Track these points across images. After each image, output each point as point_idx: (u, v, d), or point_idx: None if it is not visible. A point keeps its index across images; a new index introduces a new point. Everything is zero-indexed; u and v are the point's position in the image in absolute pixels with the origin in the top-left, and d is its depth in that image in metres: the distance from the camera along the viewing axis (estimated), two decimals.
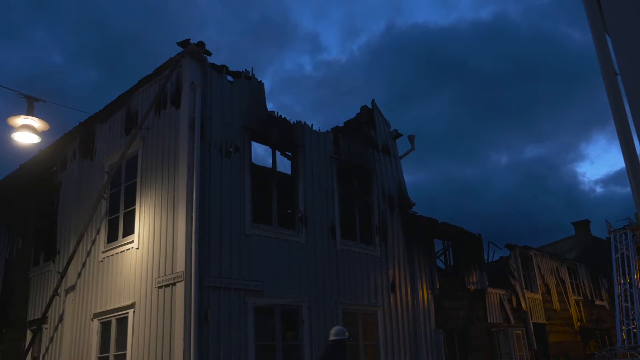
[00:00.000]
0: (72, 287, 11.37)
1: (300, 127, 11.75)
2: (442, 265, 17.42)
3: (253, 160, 10.63)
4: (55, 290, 11.26)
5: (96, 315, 10.49)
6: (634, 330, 21.72)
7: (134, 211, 10.33)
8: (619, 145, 3.67)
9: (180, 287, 8.74)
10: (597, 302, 25.34)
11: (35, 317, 12.21)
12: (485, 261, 17.97)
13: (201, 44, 9.97)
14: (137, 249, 9.97)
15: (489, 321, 16.75)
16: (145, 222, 9.98)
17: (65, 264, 11.28)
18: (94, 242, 11.13)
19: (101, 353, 10.20)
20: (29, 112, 9.56)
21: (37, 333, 11.78)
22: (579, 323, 22.82)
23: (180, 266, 8.85)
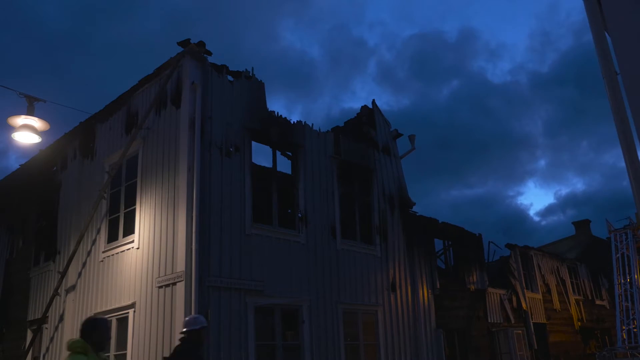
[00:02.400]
0: (73, 287, 11.38)
1: (301, 127, 11.75)
2: (442, 265, 17.42)
3: (253, 160, 10.63)
4: (56, 290, 11.27)
5: (96, 315, 10.49)
6: (634, 330, 21.71)
7: (134, 211, 10.33)
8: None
9: (180, 287, 8.74)
10: (598, 302, 25.33)
11: (36, 317, 12.21)
12: (486, 261, 17.97)
13: (201, 44, 9.96)
14: (138, 248, 9.97)
15: (489, 321, 16.75)
16: (145, 222, 9.99)
17: (65, 263, 11.28)
18: (94, 242, 11.13)
19: None
20: (29, 112, 9.56)
21: (37, 333, 11.78)
22: (579, 323, 22.82)
23: (180, 266, 8.86)
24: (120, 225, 10.63)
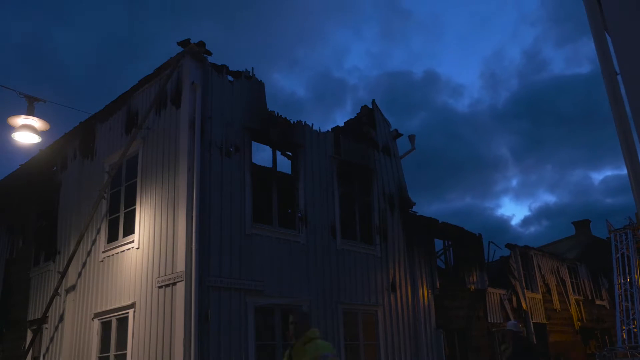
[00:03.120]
0: (73, 287, 11.38)
1: (301, 127, 11.75)
2: (442, 265, 17.42)
3: (253, 160, 10.63)
4: (56, 290, 11.27)
5: (96, 315, 10.49)
6: (635, 330, 21.72)
7: (134, 211, 10.33)
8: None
9: (180, 287, 8.74)
10: (598, 302, 25.33)
11: (36, 317, 12.21)
12: (486, 261, 17.97)
13: (201, 44, 9.96)
14: (138, 248, 9.97)
15: (489, 321, 16.75)
16: (145, 222, 9.99)
17: (65, 263, 11.28)
18: (94, 242, 11.13)
19: (101, 353, 10.20)
20: (29, 112, 9.56)
21: (37, 333, 11.78)
22: (579, 323, 22.82)
23: (180, 266, 8.86)
24: (120, 225, 10.63)
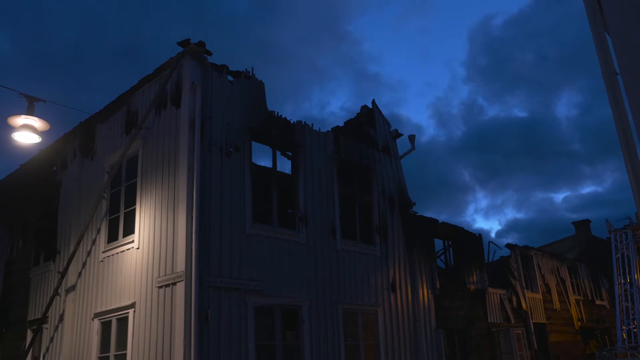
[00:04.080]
0: (73, 287, 11.38)
1: (301, 127, 11.75)
2: (442, 265, 17.42)
3: (253, 160, 10.63)
4: (56, 290, 11.27)
5: (96, 315, 10.49)
6: (635, 330, 21.72)
7: (134, 211, 10.33)
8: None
9: (180, 287, 8.74)
10: (598, 302, 25.33)
11: (36, 317, 12.22)
12: (486, 261, 17.97)
13: (201, 44, 9.96)
14: (138, 248, 9.97)
15: (489, 321, 16.75)
16: (145, 222, 9.99)
17: (65, 263, 11.28)
18: (94, 242, 11.13)
19: (101, 353, 10.21)
20: (29, 112, 9.56)
21: (37, 333, 11.78)
22: (579, 323, 22.82)
23: (180, 266, 8.86)
24: (120, 225, 10.63)
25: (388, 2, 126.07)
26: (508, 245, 20.17)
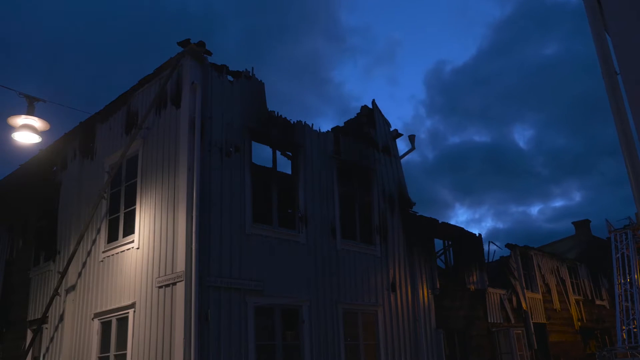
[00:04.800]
0: (73, 287, 11.38)
1: (301, 127, 11.75)
2: (442, 265, 17.42)
3: (253, 160, 10.63)
4: (56, 290, 11.27)
5: (96, 315, 10.50)
6: (635, 330, 21.72)
7: (134, 211, 10.33)
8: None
9: (180, 287, 8.74)
10: (598, 302, 25.34)
11: (36, 317, 12.22)
12: (486, 261, 17.97)
13: (201, 44, 9.96)
14: (138, 248, 9.97)
15: (489, 321, 16.75)
16: (145, 222, 9.99)
17: (65, 263, 11.28)
18: (94, 242, 11.13)
19: (101, 353, 10.21)
20: (29, 112, 9.56)
21: (37, 333, 11.78)
22: (579, 323, 22.82)
23: (180, 266, 8.86)
24: (120, 225, 10.63)
25: (360, 56, 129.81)
26: (508, 245, 20.17)
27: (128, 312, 9.73)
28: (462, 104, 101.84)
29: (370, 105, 14.41)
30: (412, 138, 15.08)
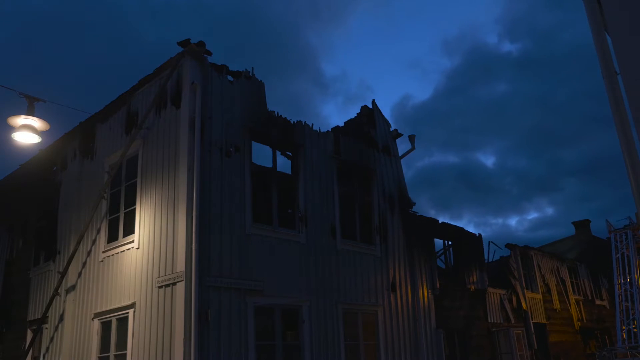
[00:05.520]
0: (73, 287, 11.38)
1: (301, 127, 11.75)
2: (442, 265, 17.42)
3: (253, 160, 10.63)
4: (56, 290, 11.27)
5: (96, 315, 10.50)
6: (635, 330, 21.72)
7: (134, 211, 10.33)
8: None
9: (180, 287, 8.74)
10: (598, 302, 25.33)
11: (36, 317, 12.22)
12: (486, 261, 17.97)
13: (201, 44, 9.96)
14: (138, 248, 9.97)
15: (489, 321, 16.75)
16: (145, 222, 9.99)
17: (65, 263, 11.28)
18: (94, 242, 11.13)
19: (101, 353, 10.21)
20: (29, 112, 9.56)
21: (37, 333, 11.78)
22: (579, 323, 22.82)
23: (180, 266, 8.86)
24: (120, 225, 10.63)
25: (339, 95, 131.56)
26: (508, 245, 20.16)
27: (128, 312, 9.73)
28: (427, 134, 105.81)
29: (370, 105, 14.40)
30: (412, 138, 15.07)
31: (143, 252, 9.83)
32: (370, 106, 14.38)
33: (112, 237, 10.75)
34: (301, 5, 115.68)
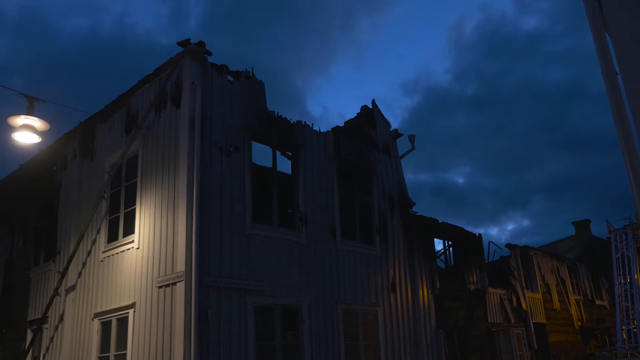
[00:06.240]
0: (73, 287, 11.38)
1: (301, 127, 11.75)
2: (442, 265, 17.42)
3: (253, 160, 10.63)
4: (56, 290, 11.27)
5: (96, 315, 10.50)
6: (635, 330, 21.72)
7: (134, 211, 10.33)
8: None
9: (180, 287, 8.74)
10: (598, 302, 25.34)
11: (36, 317, 12.21)
12: (486, 261, 17.97)
13: (201, 44, 9.96)
14: (138, 248, 9.97)
15: (489, 321, 16.75)
16: (145, 222, 9.99)
17: (65, 263, 11.28)
18: (94, 242, 11.13)
19: (101, 353, 10.21)
20: (29, 112, 9.56)
21: (37, 333, 11.78)
22: (579, 323, 22.82)
23: (180, 266, 8.86)
24: (120, 225, 10.63)
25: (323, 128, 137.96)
26: (508, 245, 20.16)
27: (128, 312, 9.73)
28: None
29: (370, 105, 14.41)
30: (412, 138, 15.06)
31: (143, 252, 9.83)
32: (370, 106, 14.38)
33: (112, 237, 10.75)
34: (290, 58, 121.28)
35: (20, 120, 9.47)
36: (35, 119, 9.56)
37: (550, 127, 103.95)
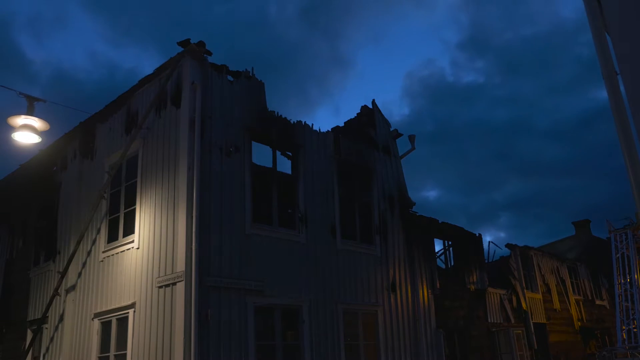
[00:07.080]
0: (73, 287, 11.38)
1: (301, 127, 11.76)
2: (442, 265, 17.42)
3: (253, 160, 10.63)
4: (56, 290, 11.26)
5: (96, 315, 10.50)
6: (635, 330, 21.71)
7: (134, 211, 10.33)
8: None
9: (180, 287, 8.74)
10: (598, 302, 25.34)
11: (36, 317, 12.21)
12: (486, 261, 17.96)
13: (201, 44, 9.96)
14: (138, 248, 9.97)
15: (489, 321, 16.75)
16: (145, 222, 9.99)
17: (65, 263, 11.28)
18: (94, 242, 11.13)
19: (101, 353, 10.21)
20: (29, 112, 9.56)
21: (37, 333, 11.78)
22: (579, 323, 22.82)
23: (180, 266, 8.86)
24: (120, 225, 10.63)
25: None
26: (508, 245, 20.16)
27: (128, 312, 9.73)
28: None
29: (370, 105, 14.40)
30: (412, 138, 15.06)
31: (143, 252, 9.83)
32: (370, 106, 14.38)
33: (112, 237, 10.75)
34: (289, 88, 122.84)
35: (20, 120, 9.47)
36: (35, 119, 9.56)
37: (503, 156, 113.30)
